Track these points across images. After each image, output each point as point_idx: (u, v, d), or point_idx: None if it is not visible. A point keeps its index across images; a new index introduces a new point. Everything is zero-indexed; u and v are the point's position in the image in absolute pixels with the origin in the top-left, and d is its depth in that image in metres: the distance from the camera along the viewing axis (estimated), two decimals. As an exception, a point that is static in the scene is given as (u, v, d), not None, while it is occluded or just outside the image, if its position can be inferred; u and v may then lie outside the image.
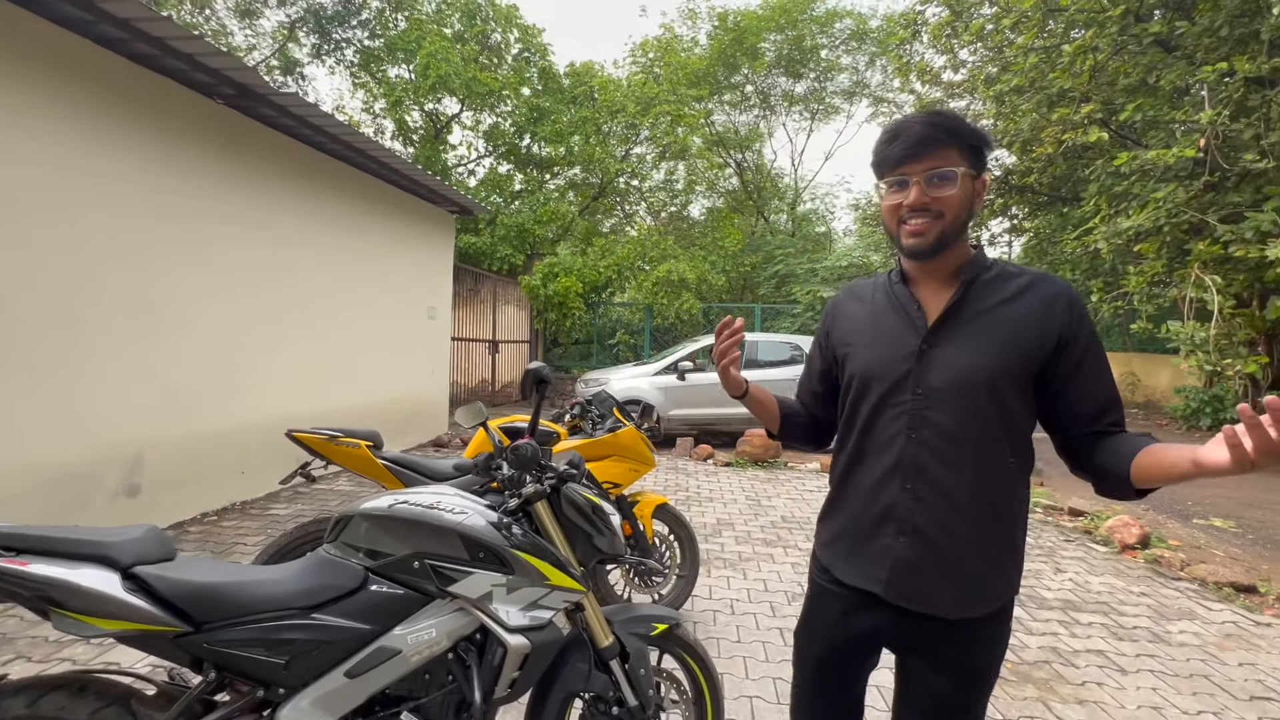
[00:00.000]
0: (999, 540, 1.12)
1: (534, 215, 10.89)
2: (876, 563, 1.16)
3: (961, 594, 1.11)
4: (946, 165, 1.07)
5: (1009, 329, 1.11)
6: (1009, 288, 1.14)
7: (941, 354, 1.13)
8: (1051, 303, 1.11)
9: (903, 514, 1.13)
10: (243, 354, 4.58)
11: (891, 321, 1.20)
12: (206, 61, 3.86)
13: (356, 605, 1.45)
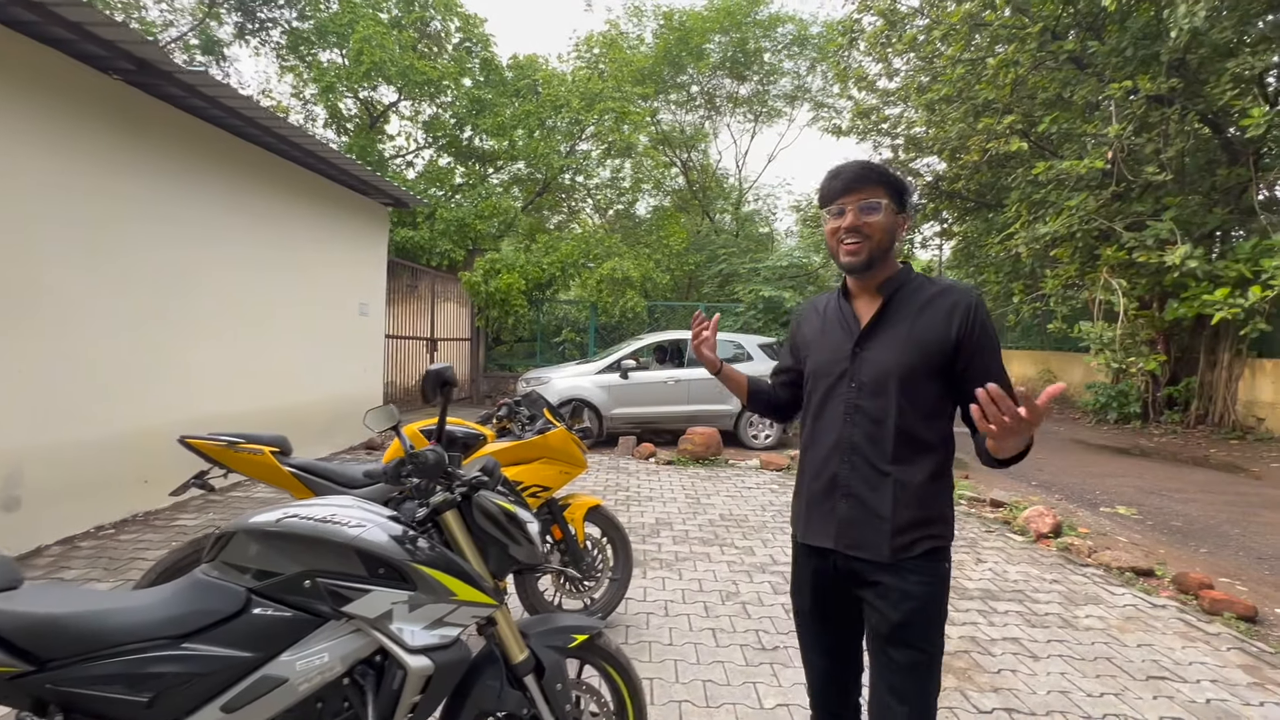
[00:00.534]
0: (920, 501, 1.36)
1: (475, 210, 10.60)
2: (827, 521, 1.42)
3: (891, 541, 1.34)
4: (874, 198, 1.36)
5: (916, 332, 1.37)
6: (922, 298, 1.40)
7: (869, 354, 1.40)
8: (951, 310, 1.36)
9: (843, 482, 1.40)
10: (145, 354, 4.23)
11: (835, 330, 1.49)
12: (98, 32, 3.53)
13: (236, 631, 1.32)
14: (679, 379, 8.32)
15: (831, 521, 1.41)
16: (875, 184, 1.36)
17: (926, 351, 1.35)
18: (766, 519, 4.88)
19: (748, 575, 3.69)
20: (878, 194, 1.36)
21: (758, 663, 2.69)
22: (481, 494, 1.60)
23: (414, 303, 10.17)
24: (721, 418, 8.31)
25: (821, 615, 1.50)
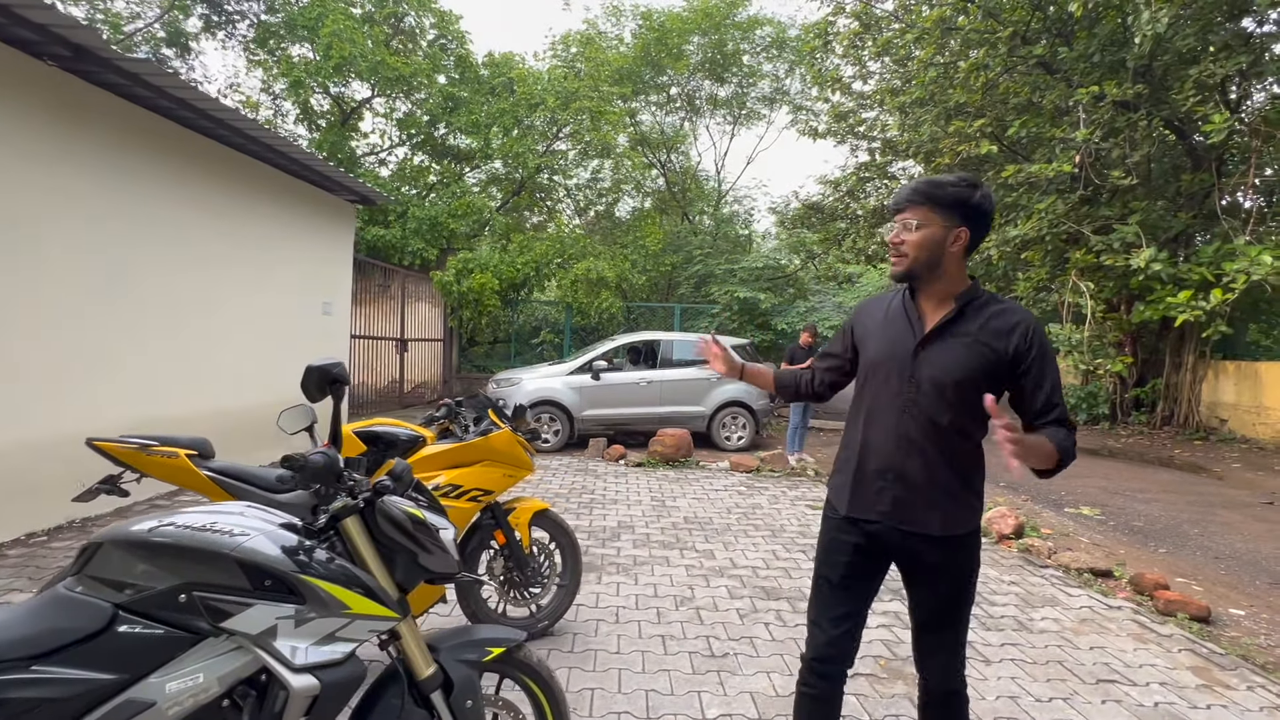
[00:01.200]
0: (962, 488, 1.56)
1: (448, 209, 10.45)
2: (879, 499, 1.58)
3: (939, 519, 1.54)
4: (914, 218, 1.52)
5: (978, 346, 1.50)
6: (987, 314, 1.53)
7: (930, 355, 1.53)
8: (1012, 330, 1.50)
9: (897, 466, 1.56)
10: (80, 354, 4.06)
11: (899, 324, 1.61)
12: (28, 15, 3.37)
13: (99, 651, 1.21)
14: (651, 380, 8.25)
15: (884, 499, 1.57)
16: (920, 204, 1.52)
17: (985, 365, 1.49)
18: (731, 521, 4.82)
19: (705, 580, 3.62)
20: (919, 213, 1.51)
21: (705, 670, 2.61)
22: (386, 500, 1.50)
23: (385, 302, 10.00)
24: (694, 419, 8.26)
25: (845, 585, 1.65)
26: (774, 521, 4.88)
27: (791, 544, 4.34)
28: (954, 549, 1.57)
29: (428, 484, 2.53)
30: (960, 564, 1.59)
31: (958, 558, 1.58)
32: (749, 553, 4.11)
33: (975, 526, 1.59)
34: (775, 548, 4.24)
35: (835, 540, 1.67)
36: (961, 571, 1.59)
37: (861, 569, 1.64)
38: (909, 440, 1.54)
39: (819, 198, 14.06)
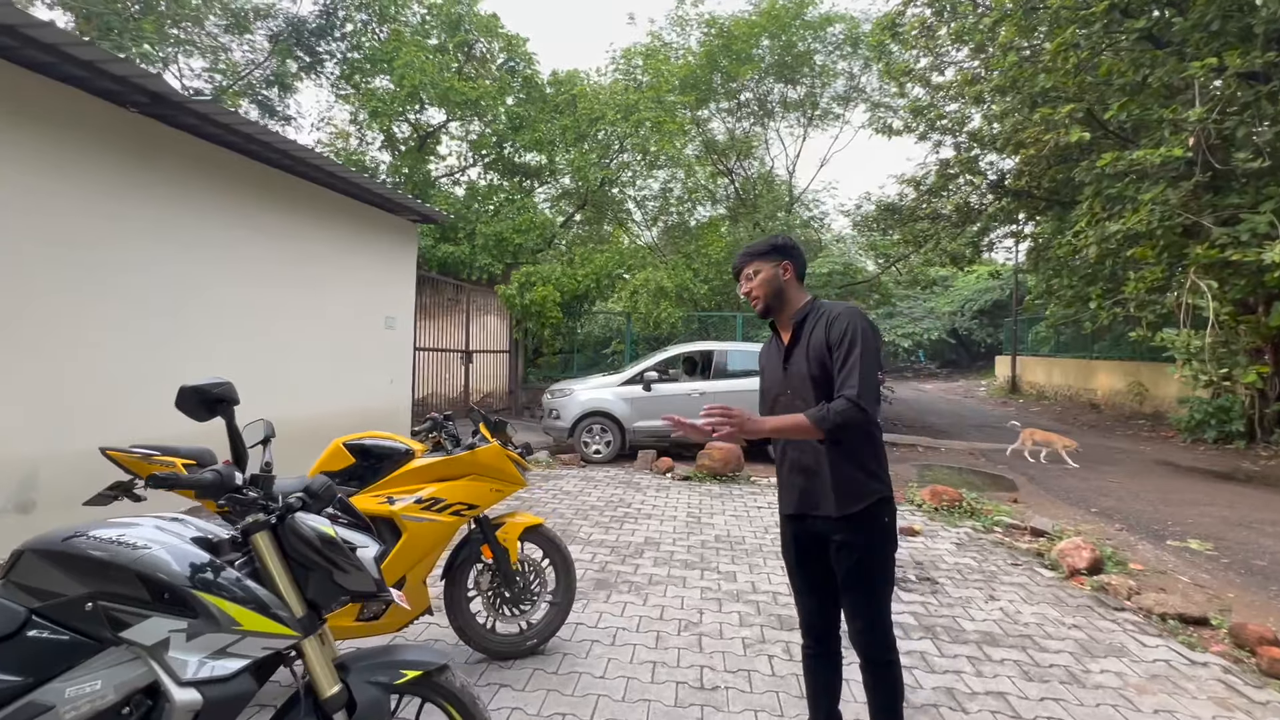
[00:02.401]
0: (851, 466, 1.85)
1: (513, 224, 10.81)
2: (792, 494, 1.97)
3: (835, 499, 1.84)
4: (752, 268, 2.01)
5: (814, 342, 1.89)
6: (815, 318, 1.94)
7: (791, 366, 1.95)
8: (823, 319, 1.91)
9: (794, 461, 1.95)
10: (157, 369, 4.51)
11: (772, 353, 2.07)
12: (109, 68, 3.81)
13: (9, 653, 1.29)
14: (704, 391, 8.07)
15: (794, 493, 1.95)
16: (754, 259, 2.02)
17: (820, 354, 1.87)
18: (765, 542, 4.58)
19: (718, 604, 3.44)
20: (756, 265, 2.01)
21: (688, 704, 2.47)
22: (297, 517, 1.52)
23: (456, 315, 10.48)
24: (750, 432, 7.99)
25: (803, 565, 2.00)
26: (812, 543, 4.59)
27: (824, 569, 4.05)
28: (855, 525, 1.84)
29: (412, 496, 2.59)
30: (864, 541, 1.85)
31: (859, 535, 1.85)
32: (774, 577, 3.88)
33: (874, 501, 1.84)
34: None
35: (784, 533, 2.08)
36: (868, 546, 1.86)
37: (807, 551, 1.98)
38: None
39: (896, 198, 13.30)
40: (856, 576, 1.85)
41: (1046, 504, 6.27)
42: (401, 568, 2.50)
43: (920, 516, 5.42)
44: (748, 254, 2.04)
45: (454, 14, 11.24)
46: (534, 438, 9.10)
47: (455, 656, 2.73)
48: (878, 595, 1.87)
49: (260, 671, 1.47)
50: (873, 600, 1.86)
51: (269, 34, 11.66)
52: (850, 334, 1.81)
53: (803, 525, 1.95)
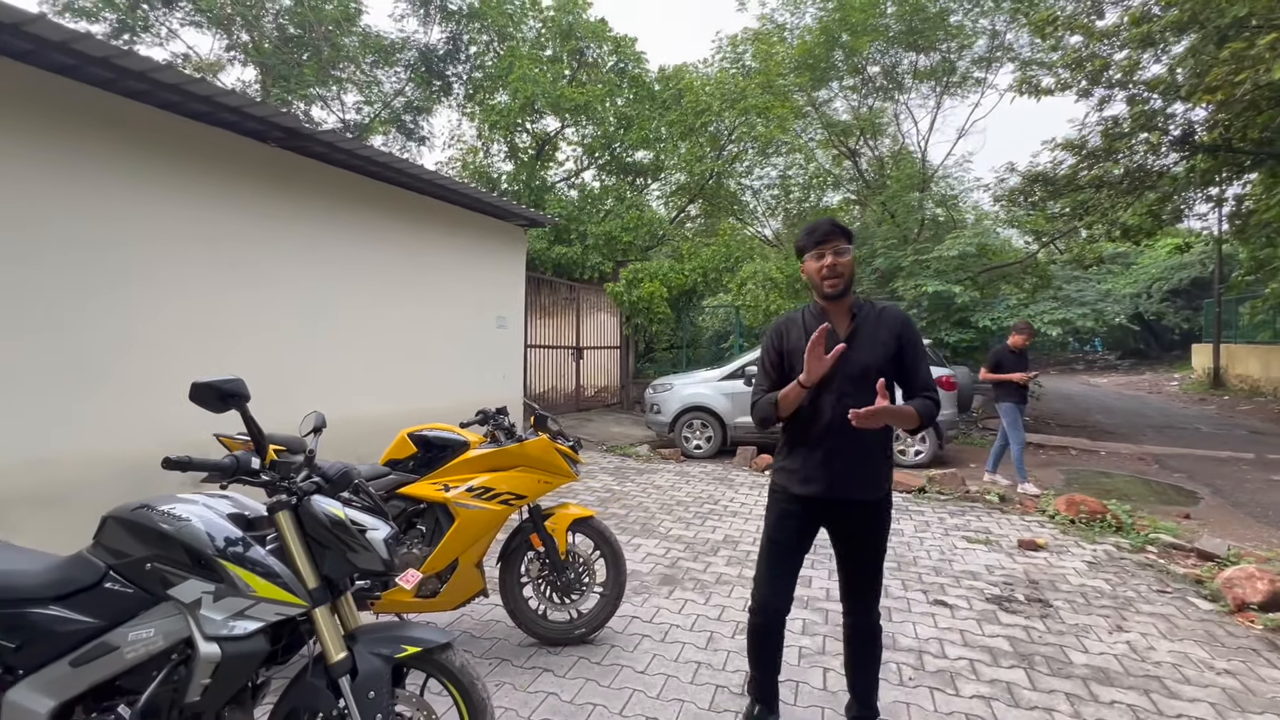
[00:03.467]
0: (880, 460, 2.02)
1: (622, 223, 11.06)
2: (824, 478, 1.99)
3: (874, 485, 2.00)
4: (844, 244, 1.98)
5: (880, 338, 1.98)
6: (876, 314, 2.04)
7: (852, 356, 1.93)
8: (894, 321, 2.02)
9: (839, 449, 1.96)
10: (300, 366, 5.22)
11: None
12: (251, 111, 4.47)
13: (90, 600, 1.58)
14: (809, 386, 7.70)
15: (826, 476, 1.98)
16: (840, 235, 1.97)
17: (887, 349, 1.96)
18: (853, 547, 4.29)
19: (783, 609, 3.28)
20: (844, 244, 1.98)
21: (723, 710, 2.39)
22: (313, 500, 1.69)
23: (567, 314, 10.96)
24: (860, 429, 7.50)
25: (798, 546, 2.10)
26: (906, 552, 4.21)
27: (912, 581, 3.70)
28: (870, 510, 2.02)
29: (465, 484, 2.76)
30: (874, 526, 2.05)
31: (872, 520, 2.04)
32: (853, 585, 3.61)
33: (886, 492, 2.04)
34: (888, 583, 3.66)
35: (788, 514, 2.09)
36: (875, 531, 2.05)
37: (808, 532, 2.10)
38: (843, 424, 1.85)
39: (1050, 166, 11.65)
40: (874, 553, 2.05)
41: (1231, 522, 5.20)
42: (454, 551, 2.68)
43: (1050, 529, 4.75)
44: (840, 227, 1.98)
45: (565, 23, 11.72)
46: (639, 432, 9.26)
47: (510, 639, 2.89)
48: (879, 570, 2.09)
49: (278, 638, 1.67)
50: (880, 574, 2.09)
51: (404, 64, 12.97)
52: (919, 339, 2.03)
53: (821, 508, 2.03)
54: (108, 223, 4.00)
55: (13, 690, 1.53)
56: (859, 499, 1.99)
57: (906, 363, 1.97)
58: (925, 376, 1.98)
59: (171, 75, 3.90)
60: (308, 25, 11.32)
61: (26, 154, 3.60)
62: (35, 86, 3.61)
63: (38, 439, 3.63)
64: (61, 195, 3.76)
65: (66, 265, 3.75)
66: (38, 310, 3.64)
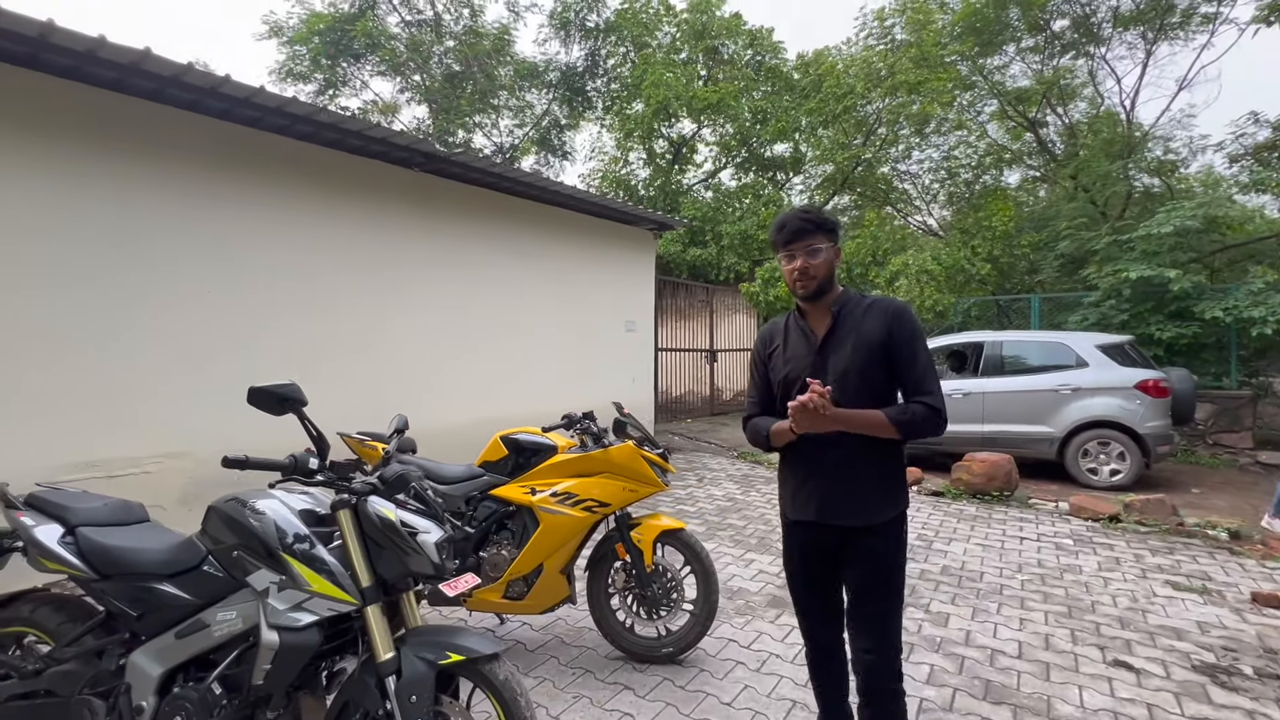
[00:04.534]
0: (880, 476, 1.73)
1: (758, 221, 10.68)
2: (810, 501, 1.77)
3: (864, 508, 1.71)
4: (816, 244, 1.73)
5: (863, 336, 1.72)
6: (862, 308, 1.77)
7: (830, 358, 1.74)
8: (883, 315, 1.73)
9: (820, 465, 1.74)
10: (438, 369, 5.68)
11: (797, 342, 1.82)
12: (395, 140, 4.95)
13: (192, 580, 1.78)
14: (968, 391, 6.77)
15: (814, 499, 1.75)
16: (813, 231, 1.72)
17: (871, 349, 1.70)
18: (1009, 583, 3.62)
19: (907, 649, 2.84)
20: (817, 240, 1.72)
21: (810, 761, 2.09)
22: (369, 500, 1.74)
23: (701, 316, 10.82)
24: (1035, 442, 6.43)
25: (811, 582, 1.86)
26: (1082, 596, 3.45)
27: (1086, 633, 3.01)
28: (875, 537, 1.72)
29: (550, 489, 2.76)
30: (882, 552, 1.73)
31: (878, 546, 1.72)
32: (1003, 630, 3.03)
33: (895, 515, 1.74)
34: (1050, 631, 3.01)
35: (788, 542, 1.90)
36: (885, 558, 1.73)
37: (813, 562, 1.83)
38: (826, 436, 1.68)
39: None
40: (869, 589, 1.73)
41: None
42: (539, 555, 2.67)
43: (1301, 580, 3.63)
44: (812, 221, 1.73)
45: (698, 24, 11.63)
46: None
47: (598, 649, 2.82)
48: (889, 609, 1.74)
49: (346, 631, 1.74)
50: (884, 615, 1.73)
51: (546, 85, 13.76)
52: (917, 333, 1.73)
53: (814, 535, 1.79)
54: (304, 252, 4.66)
55: (135, 653, 1.76)
56: (850, 524, 1.71)
57: (896, 358, 1.70)
58: (920, 376, 1.69)
59: (328, 116, 4.44)
60: (466, 61, 12.48)
61: (240, 195, 4.30)
62: (224, 139, 4.28)
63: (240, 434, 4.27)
64: (265, 229, 4.43)
65: (268, 290, 4.42)
66: (250, 326, 4.31)
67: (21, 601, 1.94)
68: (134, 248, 3.85)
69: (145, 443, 3.91)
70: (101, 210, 3.73)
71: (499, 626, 3.09)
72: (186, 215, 4.08)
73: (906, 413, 1.65)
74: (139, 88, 3.77)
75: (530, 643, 2.94)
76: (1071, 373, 6.42)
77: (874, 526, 1.71)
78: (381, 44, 11.60)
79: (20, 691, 1.82)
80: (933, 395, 1.67)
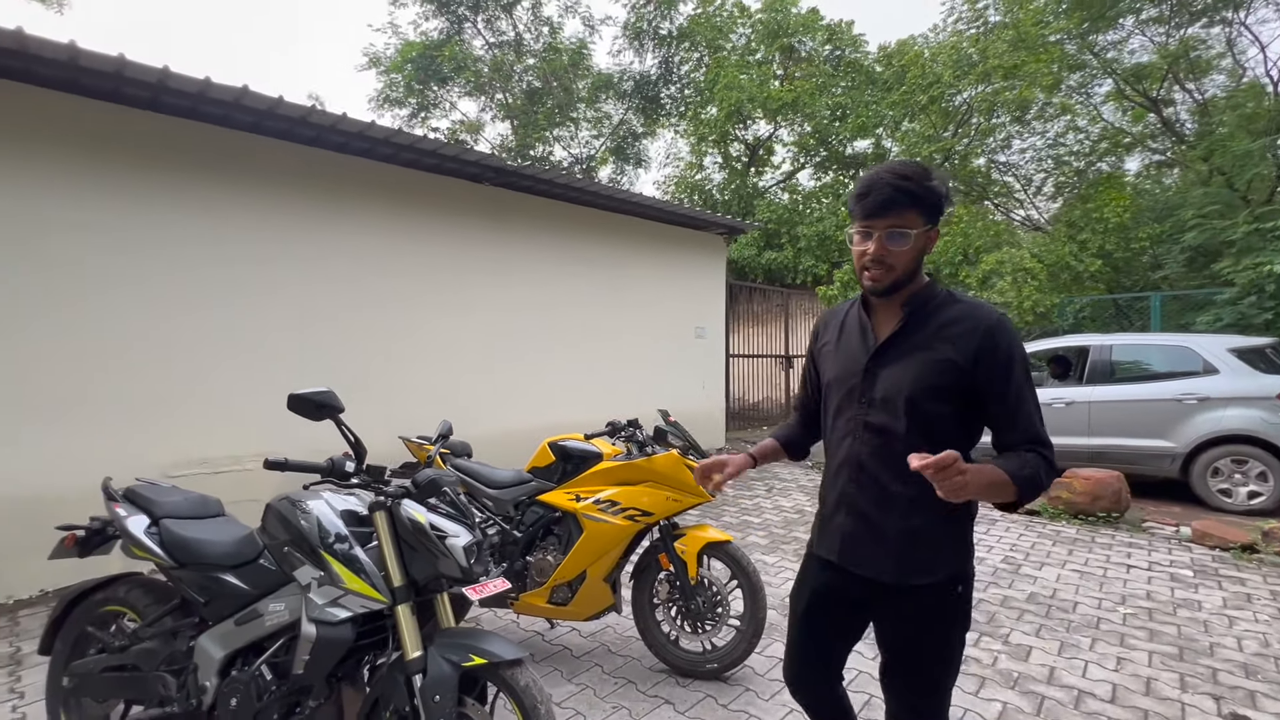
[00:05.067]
0: (929, 526, 1.32)
1: (837, 221, 10.28)
2: (834, 537, 1.45)
3: (895, 564, 1.34)
4: (904, 226, 1.28)
5: (934, 352, 1.31)
6: (945, 316, 1.33)
7: (882, 372, 1.36)
8: (972, 332, 1.29)
9: (850, 499, 1.41)
10: (508, 375, 5.87)
11: (853, 340, 1.45)
12: (466, 157, 5.20)
13: (251, 572, 1.93)
14: (1072, 400, 6.15)
15: (837, 538, 1.44)
16: (907, 206, 1.27)
17: (942, 372, 1.30)
18: (1108, 617, 3.24)
19: (977, 684, 2.60)
20: (908, 219, 1.28)
21: (855, 798, 1.95)
22: (402, 504, 1.82)
23: (777, 321, 10.54)
24: (1154, 458, 5.74)
25: (817, 620, 1.51)
26: (1199, 636, 3.02)
27: (1200, 679, 2.62)
28: (914, 602, 1.35)
29: (593, 496, 2.76)
30: (922, 623, 1.36)
31: (919, 616, 1.36)
32: (1095, 670, 2.71)
33: (946, 578, 1.34)
34: (1154, 675, 2.65)
35: (805, 574, 1.57)
36: (926, 636, 1.37)
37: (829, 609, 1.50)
38: (860, 466, 1.39)
39: None
40: (906, 656, 1.40)
41: None
42: (582, 562, 2.68)
43: None
44: (908, 192, 1.26)
45: (773, 23, 11.39)
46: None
47: (643, 660, 2.79)
48: (933, 683, 1.40)
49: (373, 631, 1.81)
50: (925, 689, 1.40)
51: (620, 94, 13.96)
52: (1019, 359, 1.29)
53: (836, 578, 1.45)
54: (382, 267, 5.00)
55: (202, 636, 1.93)
56: (878, 579, 1.36)
57: (988, 391, 1.28)
58: (1028, 418, 1.27)
59: (404, 138, 4.73)
60: (545, 77, 12.92)
61: (324, 217, 4.67)
62: (313, 162, 4.65)
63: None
64: (347, 247, 4.79)
65: (352, 304, 4.77)
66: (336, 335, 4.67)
67: (119, 583, 2.17)
68: (234, 271, 4.27)
69: (246, 443, 4.31)
70: (199, 235, 4.16)
71: (548, 631, 3.13)
72: (281, 238, 4.48)
73: (1029, 466, 1.21)
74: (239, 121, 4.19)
75: (576, 649, 2.95)
76: (1198, 380, 5.68)
77: (927, 587, 1.33)
78: (466, 66, 12.24)
79: (113, 664, 2.04)
80: (1047, 446, 1.26)
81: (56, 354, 3.61)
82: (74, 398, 3.66)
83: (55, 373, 3.61)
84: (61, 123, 3.64)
